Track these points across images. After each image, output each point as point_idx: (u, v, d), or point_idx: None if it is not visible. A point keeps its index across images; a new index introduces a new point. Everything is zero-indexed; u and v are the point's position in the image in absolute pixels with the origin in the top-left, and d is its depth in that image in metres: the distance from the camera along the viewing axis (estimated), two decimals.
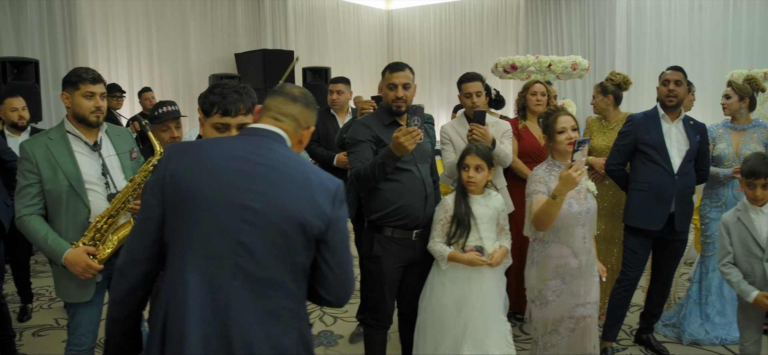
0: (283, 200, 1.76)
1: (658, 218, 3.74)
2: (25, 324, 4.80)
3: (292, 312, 1.80)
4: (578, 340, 3.10)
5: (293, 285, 1.80)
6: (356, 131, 3.22)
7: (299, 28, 11.96)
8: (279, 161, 1.81)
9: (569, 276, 3.06)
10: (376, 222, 3.14)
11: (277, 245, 1.75)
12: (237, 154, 1.80)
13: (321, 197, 1.80)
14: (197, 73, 10.22)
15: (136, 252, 1.82)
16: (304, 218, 1.76)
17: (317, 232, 1.79)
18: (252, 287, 1.73)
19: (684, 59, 10.09)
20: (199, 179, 1.76)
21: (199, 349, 1.68)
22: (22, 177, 2.81)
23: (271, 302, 1.76)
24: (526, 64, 7.75)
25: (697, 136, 3.83)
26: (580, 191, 3.07)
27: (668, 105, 3.80)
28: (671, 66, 3.90)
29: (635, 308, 4.71)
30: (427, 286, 3.22)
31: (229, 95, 2.22)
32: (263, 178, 1.77)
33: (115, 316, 1.90)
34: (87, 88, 2.85)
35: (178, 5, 10.02)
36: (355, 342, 4.32)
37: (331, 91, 4.91)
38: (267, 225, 1.74)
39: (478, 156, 3.17)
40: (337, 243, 1.85)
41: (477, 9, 13.26)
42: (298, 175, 1.81)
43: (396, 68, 3.23)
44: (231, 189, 1.75)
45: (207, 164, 1.78)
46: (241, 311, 1.71)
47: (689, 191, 3.83)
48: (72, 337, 2.95)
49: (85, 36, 8.68)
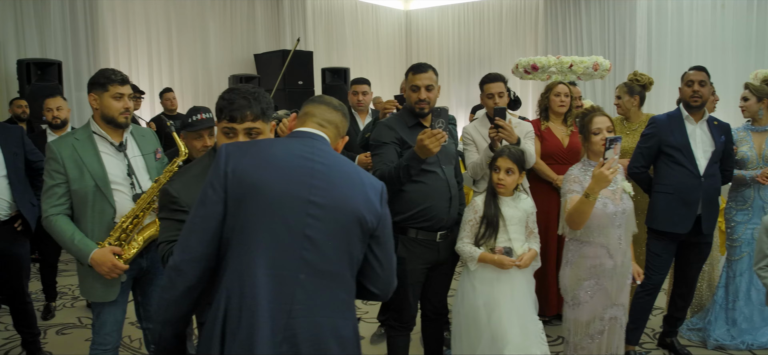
0: (343, 195, 1.87)
1: (685, 221, 3.70)
2: (49, 322, 4.86)
3: (348, 304, 1.91)
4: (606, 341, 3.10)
5: (350, 278, 1.91)
6: (380, 133, 3.22)
7: (318, 29, 11.98)
8: (333, 160, 1.92)
9: (604, 277, 3.07)
10: (401, 224, 3.13)
11: (338, 239, 1.85)
12: (297, 153, 1.88)
13: (372, 194, 1.93)
14: (217, 74, 10.27)
15: (196, 249, 1.82)
16: (361, 212, 1.88)
17: (371, 227, 1.90)
18: (315, 280, 1.81)
19: (706, 59, 9.93)
20: (264, 176, 1.82)
21: (269, 343, 1.73)
22: (48, 177, 2.84)
23: (332, 294, 1.85)
24: (548, 65, 7.71)
25: (722, 137, 3.78)
26: (616, 192, 3.07)
27: (693, 106, 3.75)
28: (694, 66, 3.85)
29: (658, 311, 4.66)
30: (459, 290, 3.23)
31: (236, 101, 2.23)
32: (323, 175, 1.86)
33: (169, 317, 1.89)
34: (116, 89, 2.89)
35: (197, 6, 10.08)
36: (377, 343, 4.31)
37: (354, 92, 4.88)
38: (330, 219, 1.84)
39: (510, 159, 3.15)
40: (386, 238, 1.97)
41: (496, 9, 13.19)
42: (352, 173, 1.94)
43: (419, 70, 3.22)
44: (296, 185, 1.83)
45: (271, 162, 1.85)
46: (306, 304, 1.79)
47: (715, 192, 3.79)
48: (97, 336, 2.98)
49: (107, 37, 8.77)
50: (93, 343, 3.00)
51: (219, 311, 1.78)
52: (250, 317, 1.74)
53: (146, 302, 3.13)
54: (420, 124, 3.19)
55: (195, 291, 1.85)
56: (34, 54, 7.72)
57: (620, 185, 3.10)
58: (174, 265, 1.83)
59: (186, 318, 1.92)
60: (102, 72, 2.93)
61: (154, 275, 3.09)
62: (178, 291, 1.84)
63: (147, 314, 3.14)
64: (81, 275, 2.95)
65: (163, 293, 1.87)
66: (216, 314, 1.79)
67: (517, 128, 3.95)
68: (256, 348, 1.72)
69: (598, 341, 3.08)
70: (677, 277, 4.03)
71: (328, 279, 1.84)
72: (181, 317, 1.90)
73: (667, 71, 10.45)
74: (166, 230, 2.29)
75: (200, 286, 1.85)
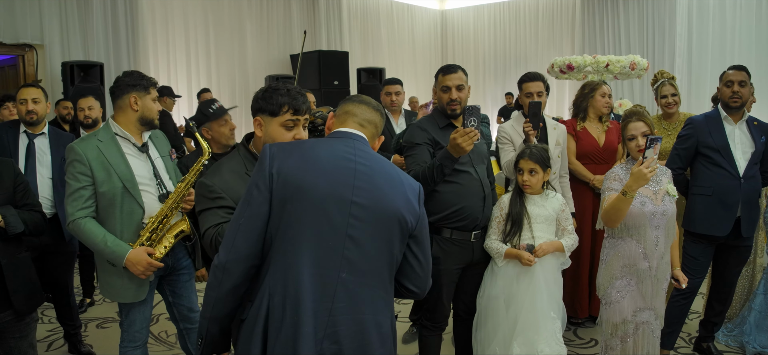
0: (384, 196, 1.92)
1: (724, 223, 3.62)
2: (89, 316, 5.00)
3: (386, 302, 1.96)
4: (637, 345, 3.06)
5: (388, 277, 1.96)
6: (412, 134, 3.23)
7: (353, 29, 12.05)
8: (374, 161, 1.97)
9: (637, 277, 3.04)
10: (435, 224, 3.14)
11: (379, 239, 1.90)
12: (340, 154, 1.93)
13: (411, 195, 1.99)
14: (253, 74, 10.41)
15: (242, 249, 1.85)
16: (402, 213, 1.93)
17: (410, 227, 1.95)
18: (356, 279, 1.86)
19: (750, 58, 9.71)
20: (310, 177, 1.86)
21: (312, 341, 1.78)
22: (73, 180, 2.79)
23: (372, 292, 1.90)
24: (584, 65, 7.62)
25: (762, 138, 3.69)
26: (658, 193, 3.03)
27: (732, 106, 3.68)
28: (734, 65, 3.77)
29: (694, 316, 4.58)
30: (483, 283, 3.23)
31: (295, 95, 2.31)
32: (365, 176, 1.91)
33: (215, 314, 1.91)
34: (154, 92, 2.95)
35: (235, 7, 10.24)
36: (408, 342, 4.32)
37: (387, 92, 4.87)
38: (371, 219, 1.88)
39: (532, 160, 3.14)
40: (425, 237, 2.02)
41: (532, 8, 13.09)
42: (392, 174, 1.98)
43: (448, 71, 3.22)
44: (339, 186, 1.87)
45: (316, 163, 1.90)
46: (347, 302, 1.84)
47: (756, 194, 3.71)
48: (126, 334, 3.03)
49: (146, 39, 8.96)
50: (122, 341, 3.04)
51: (261, 309, 1.82)
52: (294, 315, 1.78)
53: (178, 301, 3.17)
54: (451, 124, 3.19)
55: (240, 289, 1.89)
56: (77, 56, 7.95)
57: (664, 187, 3.06)
58: (220, 264, 1.86)
59: (231, 314, 1.95)
60: (139, 74, 2.96)
61: (179, 272, 3.13)
62: (224, 290, 1.87)
63: (181, 313, 3.19)
64: (108, 277, 2.93)
65: (210, 290, 1.90)
66: (258, 313, 1.83)
67: (554, 131, 3.94)
68: (299, 347, 1.76)
69: (628, 344, 3.03)
70: (715, 281, 3.95)
71: (369, 278, 1.89)
72: (226, 313, 1.93)
73: (708, 70, 10.23)
74: (208, 218, 2.33)
75: (245, 284, 1.89)
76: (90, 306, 5.20)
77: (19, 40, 7.59)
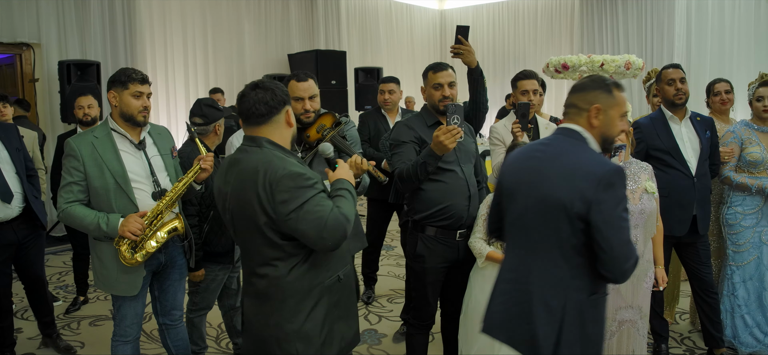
0: (551, 184, 2.10)
1: (682, 223, 3.68)
2: (82, 314, 5.01)
3: (562, 281, 2.10)
4: (620, 345, 3.04)
5: (560, 257, 2.10)
6: (399, 132, 3.23)
7: (352, 29, 12.04)
8: (553, 151, 2.19)
9: None
10: (420, 222, 3.14)
11: (544, 223, 2.11)
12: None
13: (582, 181, 2.04)
14: (251, 74, 10.39)
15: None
16: (565, 200, 2.05)
17: (578, 211, 2.03)
18: (530, 258, 2.16)
19: (749, 58, 9.71)
20: (510, 172, 2.32)
21: (501, 314, 2.23)
22: (67, 174, 2.88)
23: (544, 269, 2.12)
24: (578, 64, 7.62)
25: (707, 133, 3.75)
26: (635, 191, 3.02)
27: (677, 104, 3.73)
28: (671, 64, 3.87)
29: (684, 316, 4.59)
30: (468, 284, 3.22)
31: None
32: (539, 165, 2.18)
33: None
34: (136, 88, 2.92)
35: (233, 7, 10.24)
36: (399, 341, 4.33)
37: (381, 91, 4.89)
38: (539, 207, 2.12)
39: None
40: (600, 222, 2.01)
41: (531, 8, 13.08)
42: (566, 163, 2.12)
43: (440, 68, 3.23)
44: (524, 173, 2.23)
45: (512, 162, 2.34)
46: (527, 279, 2.15)
47: (708, 191, 3.78)
48: (118, 328, 3.06)
49: (144, 38, 8.95)
50: (114, 335, 3.08)
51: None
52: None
53: (163, 297, 3.19)
54: (439, 123, 3.19)
55: None
56: (75, 55, 7.94)
57: (642, 184, 3.05)
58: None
59: None
60: (123, 70, 2.97)
61: (171, 269, 3.15)
62: None
63: (164, 308, 3.21)
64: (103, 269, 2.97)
65: None
66: None
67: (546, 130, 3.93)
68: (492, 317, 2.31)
69: (611, 344, 3.02)
70: (692, 283, 3.91)
71: (539, 258, 2.13)
72: None
73: (707, 70, 10.18)
74: (320, 201, 2.21)
75: None
76: (84, 304, 5.22)
77: (17, 39, 7.59)
